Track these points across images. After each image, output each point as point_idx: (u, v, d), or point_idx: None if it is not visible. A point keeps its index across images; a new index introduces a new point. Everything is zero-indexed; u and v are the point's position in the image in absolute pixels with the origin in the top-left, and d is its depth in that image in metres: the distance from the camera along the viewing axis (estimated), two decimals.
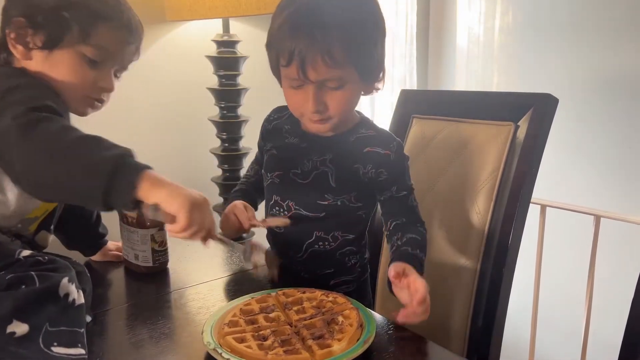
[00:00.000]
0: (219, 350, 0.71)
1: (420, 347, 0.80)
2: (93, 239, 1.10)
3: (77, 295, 0.68)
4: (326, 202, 0.98)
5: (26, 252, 0.70)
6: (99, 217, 1.10)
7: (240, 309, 0.82)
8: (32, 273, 0.65)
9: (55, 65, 0.81)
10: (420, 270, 0.88)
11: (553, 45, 2.12)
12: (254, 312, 0.82)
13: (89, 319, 0.84)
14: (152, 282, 1.02)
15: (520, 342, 1.90)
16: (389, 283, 0.87)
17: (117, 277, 1.06)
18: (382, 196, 1.00)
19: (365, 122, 1.03)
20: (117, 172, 0.65)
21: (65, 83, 0.82)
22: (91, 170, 0.65)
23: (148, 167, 0.69)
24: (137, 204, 0.68)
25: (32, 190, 0.71)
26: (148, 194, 0.67)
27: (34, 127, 0.66)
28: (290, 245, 1.02)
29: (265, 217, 1.05)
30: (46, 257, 0.70)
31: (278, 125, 1.06)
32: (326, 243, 1.00)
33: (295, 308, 0.82)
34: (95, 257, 1.11)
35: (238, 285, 1.01)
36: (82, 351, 0.65)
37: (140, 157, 1.05)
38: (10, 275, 0.65)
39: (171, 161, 2.01)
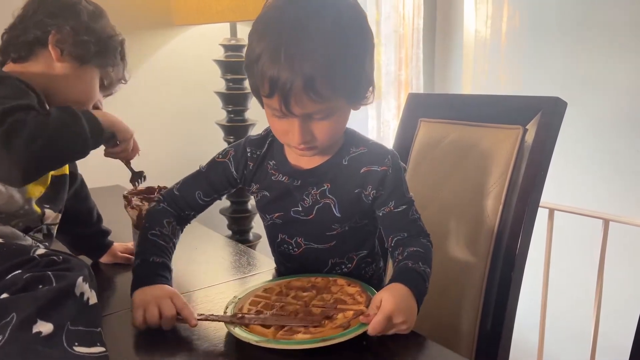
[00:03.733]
0: (229, 306, 0.85)
1: (428, 350, 0.80)
2: (96, 238, 1.11)
3: (91, 295, 0.69)
4: (334, 232, 0.96)
5: (41, 251, 0.71)
6: (99, 217, 1.12)
7: (289, 281, 0.93)
8: (49, 273, 0.66)
9: (79, 78, 0.96)
10: (421, 284, 0.84)
11: (560, 48, 2.11)
12: (296, 287, 0.91)
13: None
14: None
15: (529, 345, 1.89)
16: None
17: (127, 280, 1.06)
18: (380, 212, 0.94)
19: (352, 138, 0.96)
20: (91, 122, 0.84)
21: (78, 95, 0.96)
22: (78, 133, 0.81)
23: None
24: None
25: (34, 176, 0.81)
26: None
27: (9, 141, 0.73)
28: None
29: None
30: (60, 257, 0.71)
31: (261, 163, 0.98)
32: (343, 266, 0.99)
33: (325, 295, 0.87)
34: (105, 259, 1.11)
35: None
36: (103, 349, 0.66)
37: (147, 160, 1.07)
38: (27, 274, 0.66)
39: (178, 164, 2.01)
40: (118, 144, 1.00)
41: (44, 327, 0.62)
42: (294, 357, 0.74)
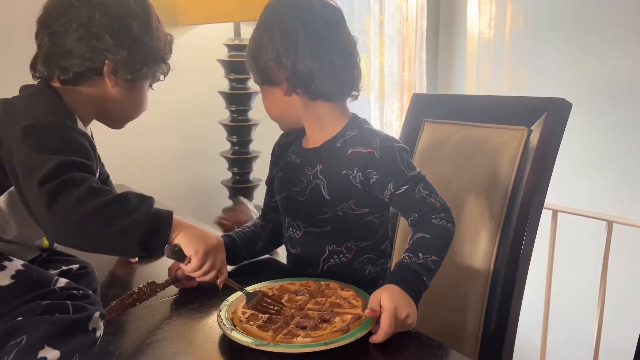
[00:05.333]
0: (222, 310, 0.84)
1: (431, 349, 0.80)
2: None
3: (100, 333, 0.70)
4: (326, 216, 0.95)
5: (61, 283, 0.71)
6: None
7: (282, 285, 0.92)
8: (69, 302, 0.68)
9: (133, 94, 0.92)
10: (416, 281, 0.83)
11: (564, 49, 2.11)
12: (289, 290, 0.90)
13: None
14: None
15: (532, 346, 1.89)
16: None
17: (133, 278, 1.07)
18: (384, 197, 0.93)
19: (352, 123, 0.98)
20: (151, 232, 0.71)
21: (133, 108, 0.94)
22: (124, 235, 0.69)
23: (171, 214, 0.75)
24: None
25: (66, 246, 0.76)
26: (172, 238, 0.76)
27: (56, 198, 0.66)
28: (307, 264, 1.01)
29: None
30: (80, 292, 0.71)
31: (286, 148, 1.07)
32: (341, 255, 0.98)
33: (319, 298, 0.87)
34: None
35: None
36: None
37: (151, 160, 1.06)
38: (46, 302, 0.67)
39: (182, 164, 2.02)
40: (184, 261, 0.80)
41: (50, 354, 0.63)
42: None
